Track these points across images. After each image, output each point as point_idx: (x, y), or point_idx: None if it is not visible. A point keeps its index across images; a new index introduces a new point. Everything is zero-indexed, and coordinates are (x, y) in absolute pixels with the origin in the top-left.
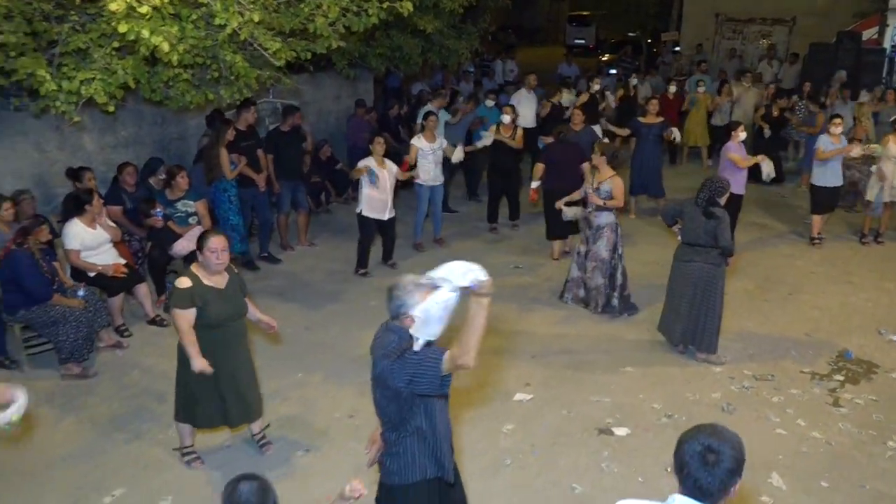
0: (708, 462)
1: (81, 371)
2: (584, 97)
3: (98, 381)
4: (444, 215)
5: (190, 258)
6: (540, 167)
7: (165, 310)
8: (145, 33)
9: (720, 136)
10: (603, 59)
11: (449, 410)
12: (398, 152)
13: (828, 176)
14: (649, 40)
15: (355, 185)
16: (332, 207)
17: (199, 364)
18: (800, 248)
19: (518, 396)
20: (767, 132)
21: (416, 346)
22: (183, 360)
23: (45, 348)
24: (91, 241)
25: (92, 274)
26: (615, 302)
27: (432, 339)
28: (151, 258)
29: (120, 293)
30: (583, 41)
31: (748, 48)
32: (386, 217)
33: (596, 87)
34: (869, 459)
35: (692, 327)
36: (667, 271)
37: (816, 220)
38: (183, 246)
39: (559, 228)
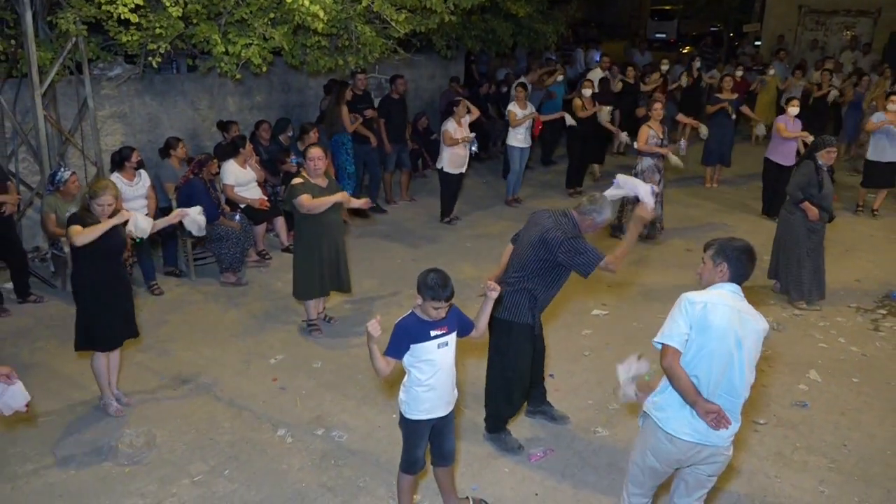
0: (751, 259)
1: (236, 279)
2: (656, 76)
3: (249, 288)
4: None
5: None
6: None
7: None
8: (306, 2)
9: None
10: (683, 51)
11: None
12: (487, 132)
13: (883, 152)
14: (731, 34)
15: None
16: (428, 173)
17: (349, 198)
18: (859, 218)
19: (595, 312)
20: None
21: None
22: (298, 247)
23: (207, 261)
24: (242, 178)
25: (242, 206)
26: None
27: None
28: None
29: (263, 222)
30: (664, 35)
31: (831, 40)
32: (464, 171)
33: (664, 66)
34: None
35: (776, 265)
36: None
37: (862, 192)
38: None
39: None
